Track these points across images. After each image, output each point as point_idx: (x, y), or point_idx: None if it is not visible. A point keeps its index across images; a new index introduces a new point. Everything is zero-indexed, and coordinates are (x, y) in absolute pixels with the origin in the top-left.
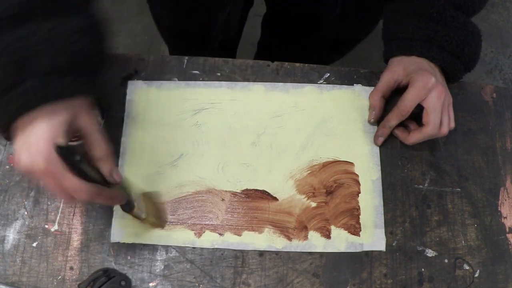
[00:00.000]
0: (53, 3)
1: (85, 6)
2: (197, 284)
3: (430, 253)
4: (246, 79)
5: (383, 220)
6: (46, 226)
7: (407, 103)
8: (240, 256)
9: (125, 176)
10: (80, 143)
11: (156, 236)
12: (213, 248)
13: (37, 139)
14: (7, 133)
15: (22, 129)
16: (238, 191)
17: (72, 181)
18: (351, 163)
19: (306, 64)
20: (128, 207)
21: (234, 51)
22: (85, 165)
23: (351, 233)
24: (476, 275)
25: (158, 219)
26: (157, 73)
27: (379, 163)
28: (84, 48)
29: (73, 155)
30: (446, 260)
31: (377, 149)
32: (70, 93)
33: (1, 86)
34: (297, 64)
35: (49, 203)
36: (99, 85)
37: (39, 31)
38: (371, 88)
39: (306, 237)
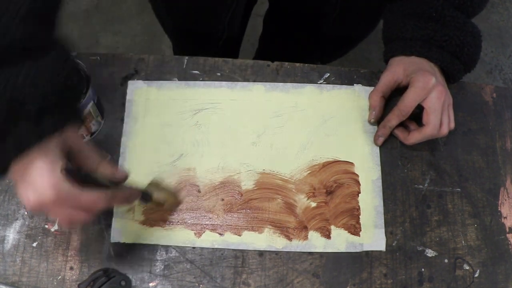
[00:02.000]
0: (22, 46)
1: (50, 41)
2: (197, 284)
3: (430, 253)
4: (246, 79)
5: (383, 220)
6: (46, 226)
7: (407, 103)
8: (240, 256)
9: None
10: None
11: (156, 236)
12: (213, 248)
13: (40, 175)
14: (5, 174)
15: (21, 171)
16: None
17: (87, 195)
18: (351, 163)
19: (306, 64)
20: (147, 198)
21: (237, 50)
22: (93, 175)
23: (351, 233)
24: (476, 275)
25: (176, 199)
26: (157, 73)
27: (379, 163)
28: (67, 81)
29: (79, 171)
30: (446, 260)
31: (377, 149)
32: (62, 127)
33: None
34: (297, 64)
35: None
36: (81, 113)
37: (18, 76)
38: (371, 88)
39: (306, 237)
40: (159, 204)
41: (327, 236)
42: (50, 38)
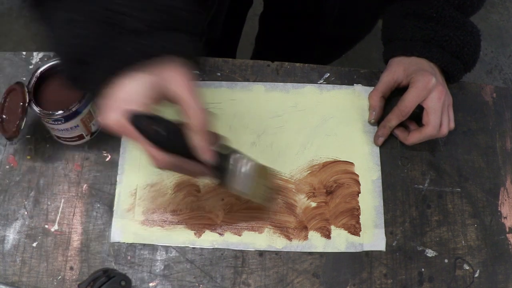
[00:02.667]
0: None
1: None
2: (197, 284)
3: (430, 253)
4: (246, 79)
5: (383, 220)
6: (46, 226)
7: (408, 103)
8: (240, 256)
9: (227, 145)
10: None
11: (156, 236)
12: (213, 248)
13: (115, 99)
14: (98, 92)
15: (107, 87)
16: None
17: (147, 148)
18: (351, 163)
19: (306, 64)
20: (222, 183)
21: (230, 51)
22: (168, 137)
23: (351, 233)
24: (476, 275)
25: (266, 200)
26: None
27: (379, 163)
28: (175, 5)
29: (152, 123)
30: (446, 260)
31: (377, 149)
32: (165, 51)
33: (95, 47)
34: (297, 64)
35: (49, 203)
36: (193, 45)
37: None
38: (371, 88)
39: (306, 237)
40: (237, 193)
41: (327, 236)
42: None
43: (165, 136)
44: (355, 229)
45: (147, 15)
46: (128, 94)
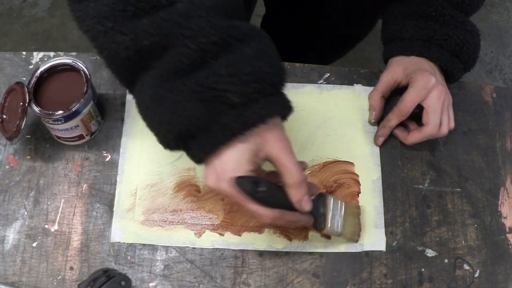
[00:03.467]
0: (221, 43)
1: (246, 30)
2: (197, 284)
3: (430, 253)
4: None
5: (383, 220)
6: (46, 226)
7: (407, 103)
8: (240, 256)
9: (329, 195)
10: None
11: (156, 236)
12: (213, 248)
13: (222, 168)
14: (203, 160)
15: (212, 157)
16: None
17: (253, 207)
18: (351, 163)
19: (306, 64)
20: (317, 227)
21: None
22: (270, 193)
23: None
24: (476, 275)
25: (354, 235)
26: None
27: (379, 163)
28: (266, 72)
29: (255, 185)
30: (446, 260)
31: (377, 149)
32: (263, 118)
33: (200, 124)
34: (297, 64)
35: (49, 203)
36: (287, 104)
37: (220, 70)
38: (371, 88)
39: (306, 237)
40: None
41: (327, 236)
42: (245, 29)
43: (266, 194)
44: None
45: (246, 88)
46: (232, 163)
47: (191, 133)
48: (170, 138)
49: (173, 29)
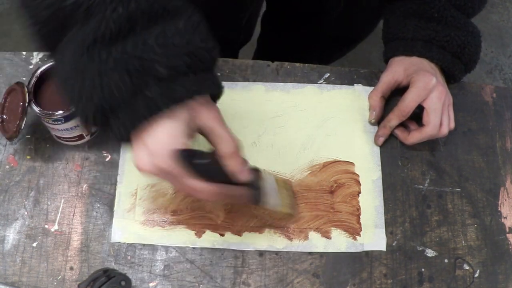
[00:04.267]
0: (152, 12)
1: (179, 4)
2: (197, 284)
3: (430, 253)
4: (246, 79)
5: (383, 220)
6: (46, 226)
7: (408, 103)
8: (240, 256)
9: (261, 169)
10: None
11: (156, 236)
12: (213, 248)
13: (157, 143)
14: (129, 139)
15: (141, 134)
16: None
17: (193, 183)
18: (352, 163)
19: (306, 64)
20: (258, 201)
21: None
22: (208, 167)
23: (351, 233)
24: (476, 275)
25: (293, 208)
26: None
27: (379, 163)
28: (198, 46)
29: (194, 157)
30: (446, 260)
31: (377, 149)
32: (192, 93)
33: (124, 96)
34: (297, 64)
35: (49, 203)
36: (217, 82)
37: (149, 39)
38: (371, 88)
39: (306, 237)
40: (271, 209)
41: (328, 236)
42: (178, 3)
43: (207, 168)
44: (355, 229)
45: (176, 60)
46: (167, 137)
47: (112, 107)
48: (90, 113)
49: None
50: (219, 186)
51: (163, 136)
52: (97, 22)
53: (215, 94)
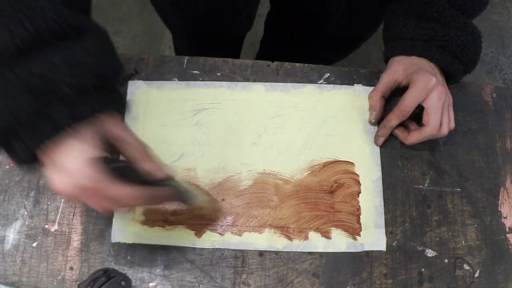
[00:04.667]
0: (59, 30)
1: (87, 23)
2: (197, 284)
3: (430, 253)
4: (246, 79)
5: (383, 220)
6: (46, 226)
7: (408, 103)
8: (240, 256)
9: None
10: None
11: (156, 236)
12: (213, 248)
13: (71, 161)
14: (34, 161)
15: (51, 155)
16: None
17: (119, 189)
18: (352, 163)
19: (306, 64)
20: (186, 200)
21: (235, 51)
22: (127, 171)
23: (351, 233)
24: (476, 275)
25: (214, 202)
26: (157, 73)
27: (379, 163)
28: (102, 64)
29: (110, 163)
30: (446, 260)
31: (377, 149)
32: (99, 110)
33: (26, 116)
34: (297, 64)
35: (49, 203)
36: (120, 99)
37: (54, 58)
38: (371, 88)
39: (306, 237)
40: (199, 209)
41: (328, 236)
42: (86, 21)
43: (126, 172)
44: (355, 229)
45: (81, 79)
46: (78, 152)
47: (13, 128)
48: None
49: (14, 3)
50: (143, 188)
51: (75, 153)
52: (2, 35)
53: (120, 110)
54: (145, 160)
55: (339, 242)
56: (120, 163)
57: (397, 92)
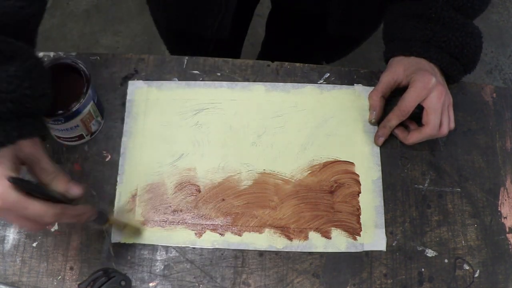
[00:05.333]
0: None
1: (16, 49)
2: (197, 284)
3: (430, 253)
4: (246, 79)
5: (383, 220)
6: (46, 226)
7: (408, 103)
8: (240, 256)
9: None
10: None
11: (156, 236)
12: (213, 248)
13: None
14: None
15: None
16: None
17: (34, 207)
18: (352, 163)
19: (306, 64)
20: (102, 220)
21: (236, 50)
22: (42, 191)
23: (351, 233)
24: (476, 275)
25: (136, 226)
26: (157, 73)
27: (379, 163)
28: (24, 93)
29: (28, 183)
30: (446, 260)
31: (377, 149)
32: (13, 138)
33: None
34: (297, 64)
35: None
36: (40, 126)
37: None
38: (371, 88)
39: (306, 237)
40: (117, 226)
41: (328, 236)
42: (15, 47)
43: (42, 190)
44: (355, 229)
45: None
46: None
47: None
48: None
49: None
50: (60, 206)
51: None
52: None
53: (40, 135)
54: (57, 181)
55: (339, 242)
56: (32, 184)
57: (397, 92)
